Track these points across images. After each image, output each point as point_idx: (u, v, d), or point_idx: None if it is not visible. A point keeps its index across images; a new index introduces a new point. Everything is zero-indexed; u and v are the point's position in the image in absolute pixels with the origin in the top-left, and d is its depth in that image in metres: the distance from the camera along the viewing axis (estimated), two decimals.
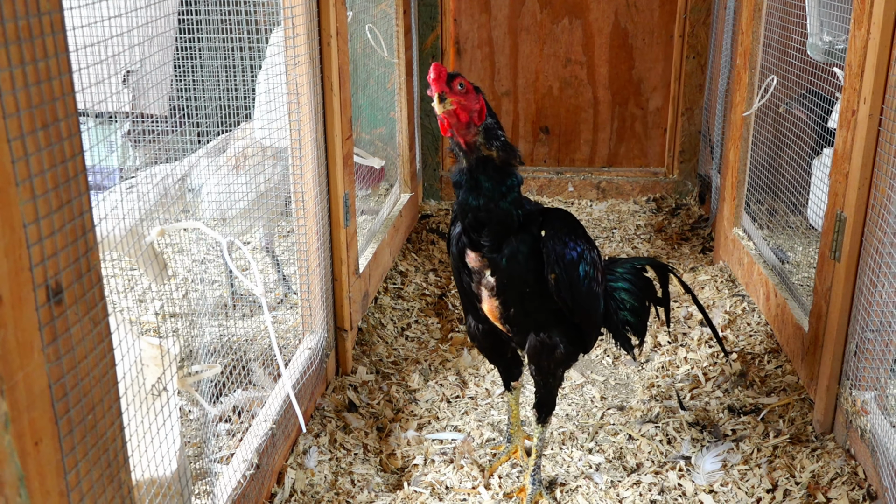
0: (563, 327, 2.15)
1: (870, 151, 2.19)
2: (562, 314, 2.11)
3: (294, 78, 2.44)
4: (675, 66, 4.55)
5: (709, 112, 4.34)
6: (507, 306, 2.11)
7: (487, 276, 2.08)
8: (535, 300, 2.09)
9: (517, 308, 2.11)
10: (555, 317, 2.12)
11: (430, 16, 4.49)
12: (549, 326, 2.14)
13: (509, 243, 2.02)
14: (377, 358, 2.98)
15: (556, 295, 2.05)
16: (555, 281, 2.03)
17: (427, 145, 4.71)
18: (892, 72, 2.11)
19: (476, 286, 2.12)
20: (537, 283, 2.05)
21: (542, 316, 2.12)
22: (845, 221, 2.29)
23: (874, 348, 2.23)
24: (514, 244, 2.02)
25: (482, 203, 1.98)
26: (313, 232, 2.56)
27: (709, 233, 4.13)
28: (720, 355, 2.99)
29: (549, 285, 2.04)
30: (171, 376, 1.45)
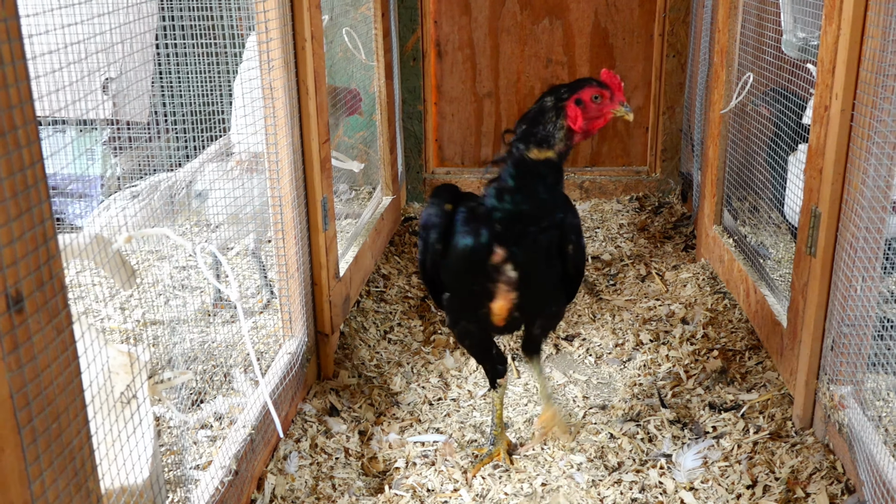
0: (560, 292, 2.30)
1: (842, 147, 2.20)
2: (561, 281, 2.25)
3: (269, 82, 2.43)
4: (656, 65, 4.56)
5: (689, 110, 4.36)
6: (524, 295, 2.18)
7: (508, 271, 2.13)
8: (551, 277, 2.21)
9: (535, 292, 2.20)
10: (557, 286, 2.26)
11: (410, 18, 4.49)
12: (556, 297, 2.30)
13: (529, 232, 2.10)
14: (359, 361, 2.98)
15: (572, 263, 2.20)
16: (572, 251, 2.18)
17: (410, 148, 4.71)
18: (862, 67, 2.11)
19: (493, 284, 2.16)
20: (551, 259, 2.16)
21: (551, 291, 2.27)
22: (820, 217, 2.30)
23: (850, 343, 2.24)
24: (533, 231, 2.10)
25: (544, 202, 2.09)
26: (291, 236, 2.56)
27: (691, 230, 4.14)
28: (702, 352, 2.99)
29: (565, 257, 2.18)
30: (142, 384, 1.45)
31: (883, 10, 1.99)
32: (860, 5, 2.07)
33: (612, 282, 3.69)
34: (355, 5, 4.19)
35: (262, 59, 2.41)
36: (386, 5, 3.99)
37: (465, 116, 4.81)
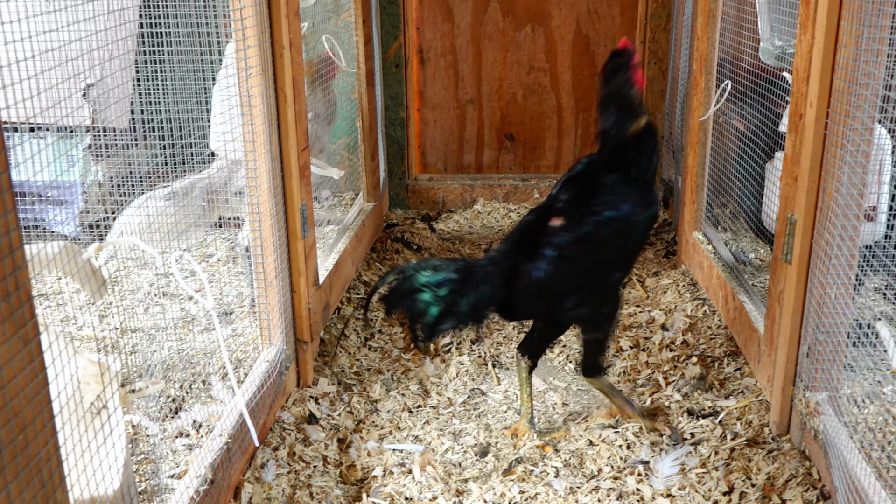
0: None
1: (817, 155, 2.22)
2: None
3: (246, 90, 2.43)
4: None
5: (670, 117, 4.38)
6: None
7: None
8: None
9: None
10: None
11: (392, 25, 4.49)
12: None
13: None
14: (339, 369, 2.97)
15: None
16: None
17: (393, 154, 4.71)
18: (836, 76, 2.13)
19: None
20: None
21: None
22: (796, 224, 2.31)
23: (825, 350, 2.26)
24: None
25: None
26: (270, 244, 2.55)
27: (672, 237, 4.15)
28: (681, 359, 3.00)
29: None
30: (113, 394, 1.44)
31: (856, 19, 2.01)
32: (833, 15, 2.09)
33: None
34: (337, 12, 4.19)
35: (240, 66, 2.40)
36: (367, 12, 4.00)
37: (447, 123, 4.82)
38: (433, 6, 4.62)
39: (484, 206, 4.76)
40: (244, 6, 2.35)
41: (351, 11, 3.97)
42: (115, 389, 1.47)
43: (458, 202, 4.83)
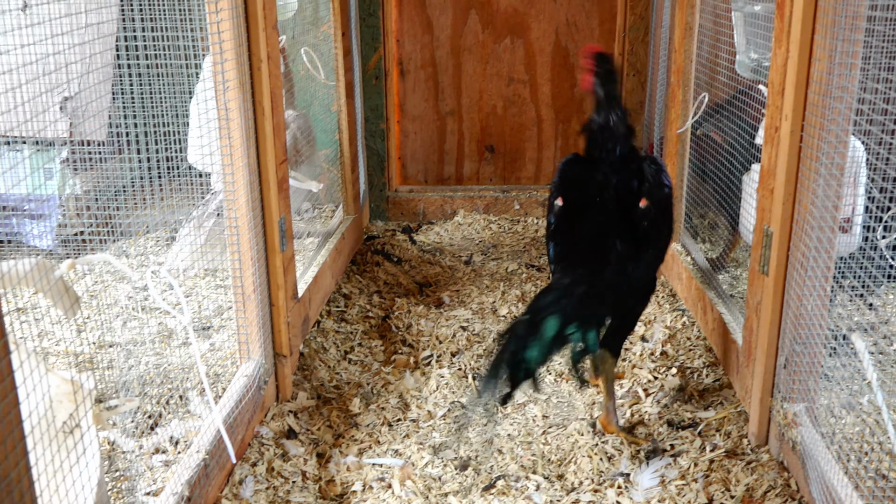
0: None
1: (793, 167, 2.24)
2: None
3: (224, 103, 2.42)
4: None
5: (650, 128, 4.40)
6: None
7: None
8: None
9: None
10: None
11: (372, 37, 4.50)
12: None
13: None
14: (318, 383, 2.96)
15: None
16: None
17: (373, 166, 4.71)
18: (810, 90, 2.15)
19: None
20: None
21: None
22: (772, 236, 2.33)
23: (802, 361, 2.27)
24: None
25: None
26: (248, 258, 2.54)
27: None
28: (661, 370, 3.01)
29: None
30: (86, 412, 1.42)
31: (829, 34, 2.03)
32: (807, 29, 2.11)
33: None
34: (316, 24, 4.19)
35: (217, 79, 2.40)
36: (347, 24, 4.00)
37: (427, 134, 4.82)
38: (413, 18, 4.63)
39: (464, 218, 4.76)
40: (221, 19, 2.34)
41: (330, 24, 3.97)
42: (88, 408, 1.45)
43: (438, 214, 4.84)
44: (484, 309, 3.63)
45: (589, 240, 2.55)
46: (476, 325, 3.47)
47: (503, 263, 4.17)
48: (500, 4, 4.60)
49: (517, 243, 4.45)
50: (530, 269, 4.06)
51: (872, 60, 2.09)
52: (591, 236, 2.54)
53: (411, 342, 3.32)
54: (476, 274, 4.05)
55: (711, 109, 3.22)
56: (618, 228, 2.51)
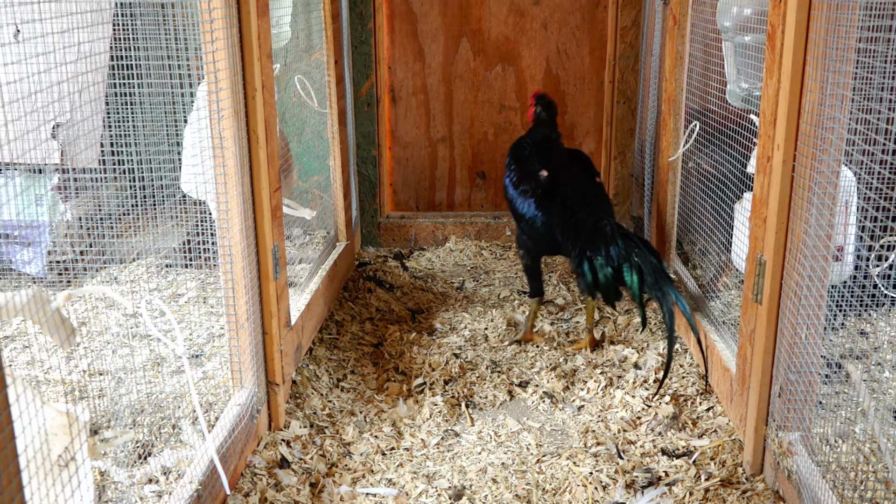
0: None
1: (785, 196, 2.25)
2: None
3: (218, 132, 2.42)
4: (607, 111, 4.64)
5: (640, 155, 4.43)
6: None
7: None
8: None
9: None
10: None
11: (364, 64, 4.52)
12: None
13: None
14: (311, 411, 2.94)
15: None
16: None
17: (365, 192, 4.71)
18: (802, 120, 2.17)
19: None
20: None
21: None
22: (765, 265, 2.34)
23: (797, 389, 2.27)
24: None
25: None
26: (241, 286, 2.53)
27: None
28: (654, 398, 3.01)
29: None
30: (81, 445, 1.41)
31: (820, 65, 2.05)
32: (799, 60, 2.14)
33: (566, 327, 3.70)
34: (309, 52, 4.21)
35: (212, 108, 2.40)
36: (339, 52, 4.02)
37: (419, 161, 4.83)
38: (405, 46, 4.65)
39: (456, 244, 4.76)
40: (217, 49, 2.35)
41: (323, 51, 3.99)
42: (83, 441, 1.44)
43: (430, 240, 4.84)
44: (476, 336, 3.62)
45: (581, 201, 3.33)
46: (468, 352, 3.46)
47: (495, 289, 4.16)
48: (491, 32, 4.63)
49: (509, 269, 4.45)
50: (522, 296, 4.06)
51: (863, 92, 2.11)
52: (579, 198, 3.34)
53: (404, 369, 3.31)
54: (468, 300, 4.05)
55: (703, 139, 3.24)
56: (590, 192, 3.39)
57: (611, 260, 3.09)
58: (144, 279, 3.78)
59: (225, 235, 2.48)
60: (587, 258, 3.16)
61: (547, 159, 3.51)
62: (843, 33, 2.01)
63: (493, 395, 3.12)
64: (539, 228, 3.40)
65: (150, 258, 4.00)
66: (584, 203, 3.32)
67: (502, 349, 3.49)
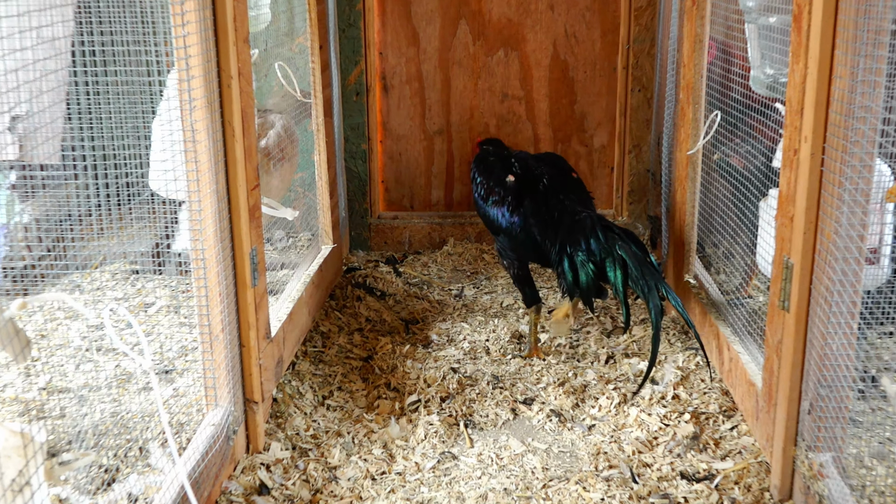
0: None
1: (814, 193, 2.27)
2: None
3: (190, 124, 2.44)
4: (620, 99, 4.66)
5: (657, 149, 4.45)
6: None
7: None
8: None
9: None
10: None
11: (352, 49, 4.54)
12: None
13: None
14: (294, 432, 2.95)
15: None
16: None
17: (354, 190, 4.73)
18: (832, 109, 2.19)
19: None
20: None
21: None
22: (792, 268, 2.35)
23: (828, 406, 2.28)
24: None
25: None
26: (216, 293, 2.54)
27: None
28: (673, 416, 3.02)
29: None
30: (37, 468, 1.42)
31: (850, 49, 2.07)
32: (827, 44, 2.15)
33: (575, 338, 3.72)
34: (291, 36, 4.23)
35: (183, 98, 2.41)
36: (325, 36, 4.04)
37: (413, 156, 4.85)
38: (397, 29, 4.68)
39: (454, 247, 4.78)
40: (188, 33, 2.36)
41: (306, 35, 4.01)
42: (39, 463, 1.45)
43: (425, 243, 4.85)
44: (476, 348, 3.63)
45: (555, 196, 3.51)
46: (468, 366, 3.48)
47: (498, 297, 4.18)
48: (492, 14, 4.65)
49: None
50: None
51: None
52: (552, 194, 3.51)
53: (396, 386, 3.32)
54: (468, 309, 4.06)
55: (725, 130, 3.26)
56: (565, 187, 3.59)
57: (592, 255, 3.21)
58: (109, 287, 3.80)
59: (198, 238, 2.49)
60: (567, 255, 3.29)
61: (512, 164, 3.68)
62: (875, 14, 2.03)
63: (494, 414, 3.13)
64: (518, 235, 3.51)
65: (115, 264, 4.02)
66: (559, 198, 3.48)
67: (505, 363, 3.51)
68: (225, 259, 2.59)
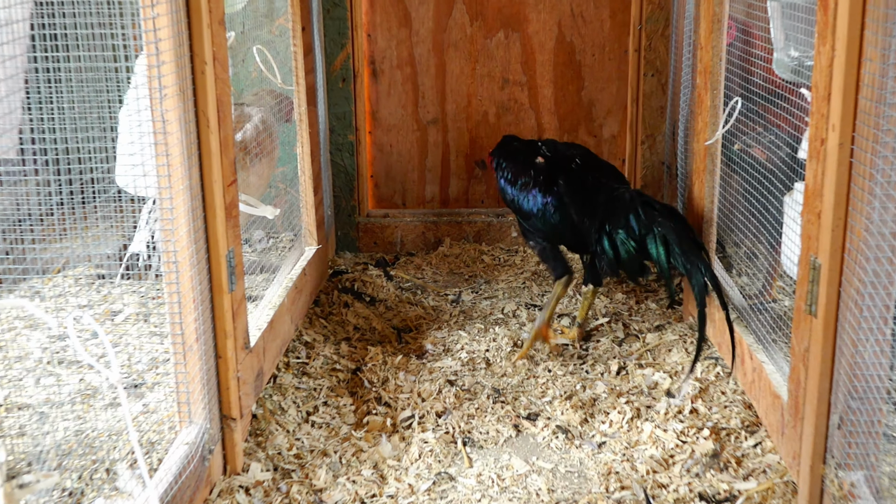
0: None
1: (842, 187, 2.28)
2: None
3: (161, 113, 2.44)
4: (632, 85, 4.67)
5: (672, 139, 4.46)
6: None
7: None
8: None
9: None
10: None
11: (338, 31, 4.55)
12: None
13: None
14: (275, 451, 2.96)
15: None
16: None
17: (340, 186, 4.74)
18: (861, 95, 2.19)
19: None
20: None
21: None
22: (820, 269, 2.36)
23: (860, 420, 2.29)
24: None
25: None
26: (189, 299, 2.55)
27: (678, 283, 4.21)
28: (691, 432, 3.03)
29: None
30: None
31: (881, 29, 2.08)
32: (856, 23, 2.16)
33: (584, 347, 3.73)
34: (271, 17, 4.24)
35: (153, 85, 2.42)
36: (307, 17, 4.05)
37: (406, 148, 4.86)
38: (387, 9, 4.69)
39: (451, 248, 4.79)
40: (158, 14, 2.37)
41: (288, 16, 4.01)
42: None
43: (419, 243, 4.86)
44: (475, 359, 3.64)
45: (588, 174, 3.66)
46: (466, 378, 3.49)
47: (498, 303, 4.19)
48: None
49: (515, 278, 4.48)
50: (531, 310, 4.09)
51: None
52: (585, 172, 3.66)
53: (388, 400, 3.33)
54: (466, 316, 4.07)
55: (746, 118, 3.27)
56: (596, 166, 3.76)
57: (632, 231, 3.34)
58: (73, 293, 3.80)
59: (169, 239, 2.50)
60: (606, 234, 3.42)
61: (539, 148, 3.80)
62: None
63: (495, 431, 3.14)
64: (552, 217, 3.62)
65: (79, 268, 4.02)
66: (594, 176, 3.64)
67: (507, 374, 3.52)
68: (199, 262, 2.60)
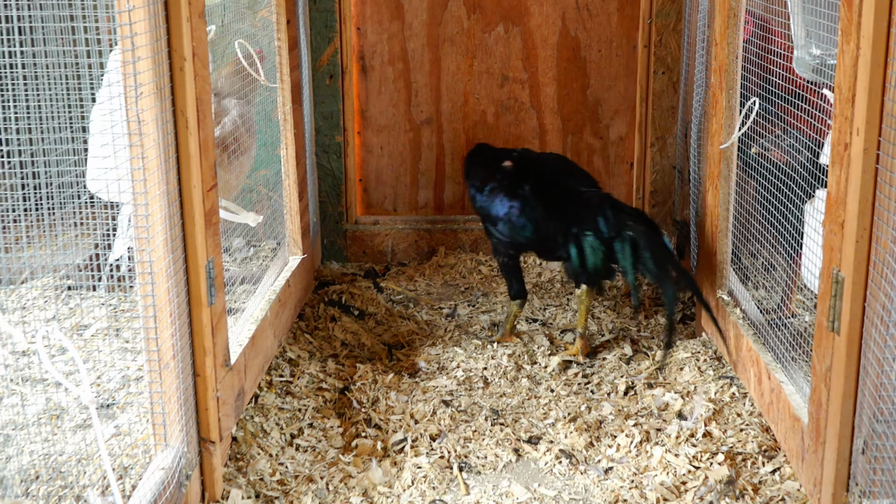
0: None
1: (868, 195, 2.30)
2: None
3: (136, 113, 2.45)
4: (641, 83, 4.70)
5: (684, 142, 4.48)
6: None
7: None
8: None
9: None
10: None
11: (325, 24, 4.56)
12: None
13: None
14: (257, 477, 2.97)
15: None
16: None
17: (326, 191, 4.75)
18: (888, 96, 2.22)
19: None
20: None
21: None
22: (843, 283, 2.38)
23: (886, 444, 2.31)
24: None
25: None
26: (165, 313, 2.56)
27: (689, 296, 4.23)
28: (704, 457, 3.04)
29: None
30: None
31: None
32: (882, 21, 2.18)
33: (589, 364, 3.74)
34: (253, 8, 4.25)
35: (128, 83, 2.43)
36: (293, 10, 4.06)
37: (397, 149, 4.88)
38: (378, 1, 4.70)
39: (446, 258, 4.80)
40: (133, 6, 2.38)
41: (271, 8, 4.03)
42: None
43: (411, 252, 4.88)
44: (472, 377, 3.66)
45: (556, 177, 3.90)
46: (462, 398, 3.50)
47: (497, 317, 4.20)
48: None
49: None
50: (532, 324, 4.10)
51: None
52: (554, 175, 3.90)
53: (378, 422, 3.34)
54: (462, 331, 4.08)
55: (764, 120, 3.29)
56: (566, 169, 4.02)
57: (600, 234, 3.55)
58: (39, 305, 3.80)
59: (144, 248, 2.51)
60: (573, 237, 3.64)
61: (511, 153, 4.06)
62: None
63: (494, 455, 3.15)
64: (518, 220, 3.80)
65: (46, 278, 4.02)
66: (564, 182, 3.85)
67: (506, 394, 3.53)
68: (177, 272, 2.61)
